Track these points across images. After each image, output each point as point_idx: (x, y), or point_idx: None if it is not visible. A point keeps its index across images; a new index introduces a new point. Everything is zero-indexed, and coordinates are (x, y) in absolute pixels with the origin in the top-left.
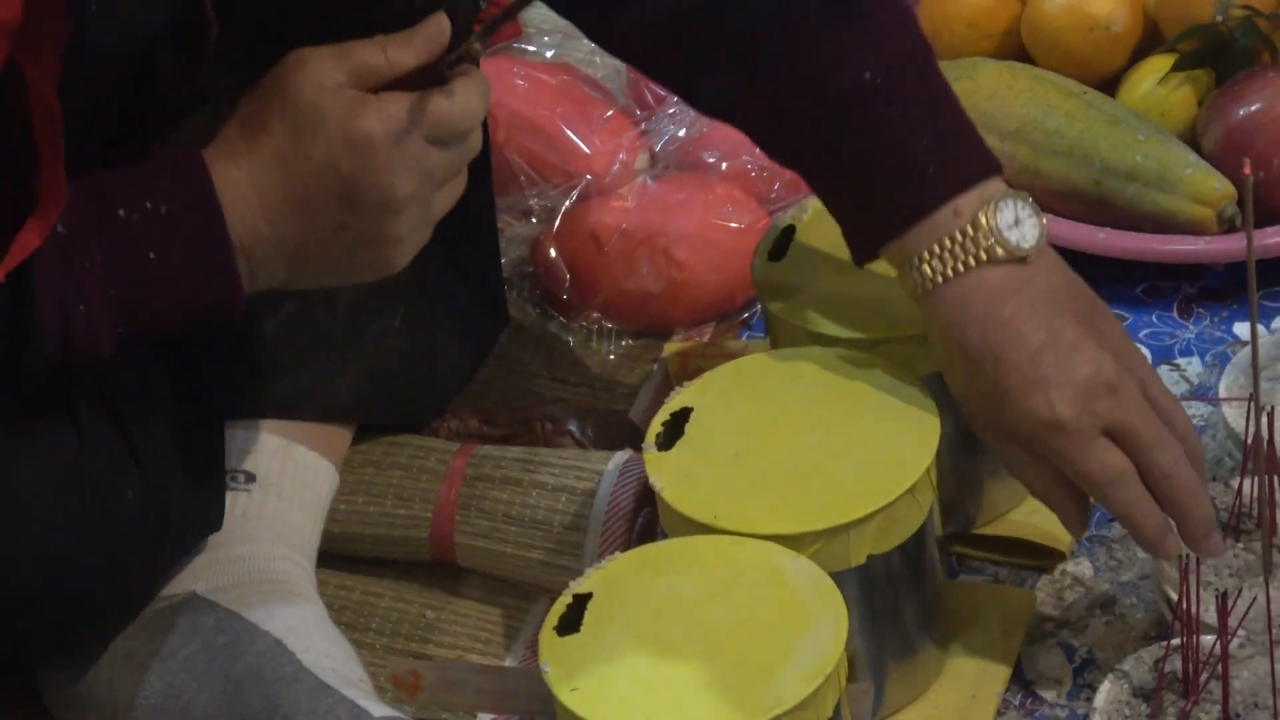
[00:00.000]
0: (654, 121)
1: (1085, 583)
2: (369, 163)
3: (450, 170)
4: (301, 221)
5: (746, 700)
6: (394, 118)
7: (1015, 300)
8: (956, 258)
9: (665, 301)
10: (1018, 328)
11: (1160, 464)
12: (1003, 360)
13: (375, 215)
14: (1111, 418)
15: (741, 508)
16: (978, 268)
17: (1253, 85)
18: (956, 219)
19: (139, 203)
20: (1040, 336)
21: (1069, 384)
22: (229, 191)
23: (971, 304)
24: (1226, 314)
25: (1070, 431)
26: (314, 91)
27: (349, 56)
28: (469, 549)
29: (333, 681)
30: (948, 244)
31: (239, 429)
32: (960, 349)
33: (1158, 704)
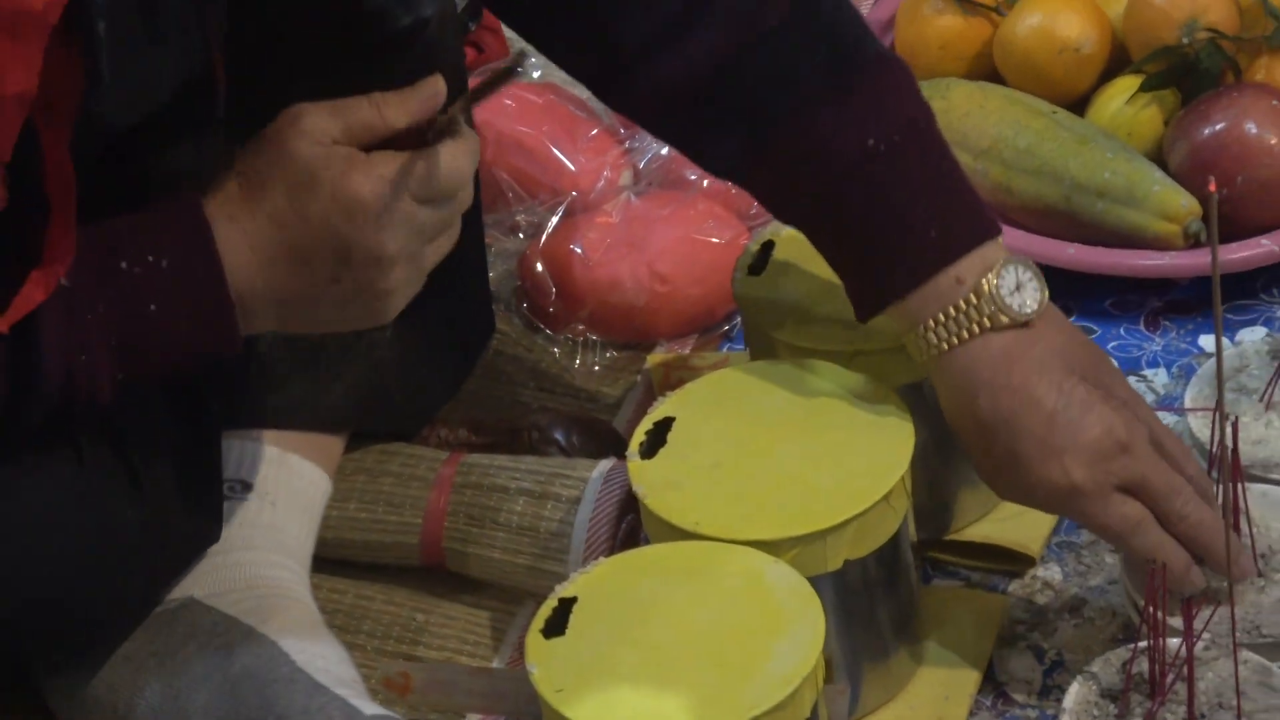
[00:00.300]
0: (637, 140)
1: (1055, 587)
2: (360, 222)
3: (440, 226)
4: (296, 276)
5: (726, 701)
6: (384, 179)
7: (1022, 366)
8: (961, 325)
9: (648, 314)
10: (1028, 394)
11: (1175, 509)
12: (1015, 427)
13: (367, 270)
14: (1125, 475)
15: (722, 514)
16: (982, 335)
17: (1217, 105)
18: (959, 286)
19: (141, 255)
20: (1051, 401)
21: (1083, 449)
22: (227, 246)
23: (979, 372)
24: (1192, 327)
25: (1087, 495)
26: (309, 149)
27: (344, 113)
28: (458, 554)
29: (326, 682)
30: (952, 312)
31: (235, 439)
32: (971, 416)
33: (1125, 705)
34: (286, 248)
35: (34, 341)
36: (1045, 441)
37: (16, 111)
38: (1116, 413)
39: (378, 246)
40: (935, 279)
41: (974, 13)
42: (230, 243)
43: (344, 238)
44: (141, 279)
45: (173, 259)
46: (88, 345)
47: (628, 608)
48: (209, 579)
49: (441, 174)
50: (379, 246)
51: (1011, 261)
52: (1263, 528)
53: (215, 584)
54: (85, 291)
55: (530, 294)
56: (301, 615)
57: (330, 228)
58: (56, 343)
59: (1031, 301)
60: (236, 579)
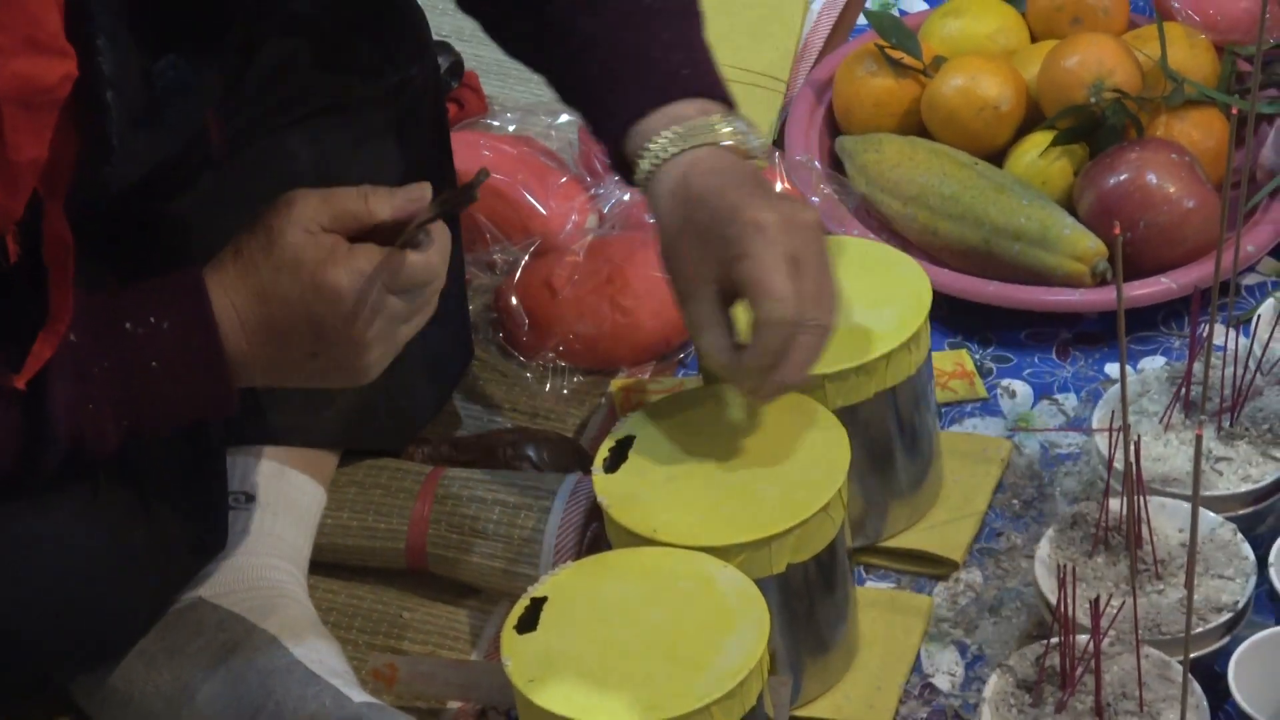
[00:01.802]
0: (602, 187)
1: (976, 589)
2: (336, 309)
3: (413, 312)
4: (277, 347)
5: (681, 690)
6: (360, 272)
7: (738, 170)
8: (687, 140)
9: (611, 343)
10: (746, 180)
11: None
12: (726, 193)
13: (342, 350)
14: (800, 248)
15: (677, 523)
16: (705, 148)
17: (1121, 158)
18: (696, 113)
19: (144, 318)
20: (765, 187)
21: (777, 209)
22: (221, 315)
23: (696, 166)
24: (1098, 356)
25: (768, 236)
26: (295, 235)
27: (333, 202)
28: (439, 558)
29: (320, 672)
30: (684, 127)
31: (239, 455)
32: (684, 195)
33: (1038, 694)
34: (268, 323)
35: (44, 395)
36: (751, 197)
37: (29, 176)
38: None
39: (352, 331)
40: (678, 103)
41: (904, 75)
42: (223, 312)
43: (320, 321)
44: (144, 339)
45: (173, 322)
46: (94, 398)
47: (593, 607)
48: (216, 581)
49: (415, 270)
50: (353, 331)
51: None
52: (1161, 536)
53: (221, 585)
54: (92, 350)
55: (505, 325)
56: (299, 613)
57: (308, 310)
58: (65, 397)
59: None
60: (240, 580)
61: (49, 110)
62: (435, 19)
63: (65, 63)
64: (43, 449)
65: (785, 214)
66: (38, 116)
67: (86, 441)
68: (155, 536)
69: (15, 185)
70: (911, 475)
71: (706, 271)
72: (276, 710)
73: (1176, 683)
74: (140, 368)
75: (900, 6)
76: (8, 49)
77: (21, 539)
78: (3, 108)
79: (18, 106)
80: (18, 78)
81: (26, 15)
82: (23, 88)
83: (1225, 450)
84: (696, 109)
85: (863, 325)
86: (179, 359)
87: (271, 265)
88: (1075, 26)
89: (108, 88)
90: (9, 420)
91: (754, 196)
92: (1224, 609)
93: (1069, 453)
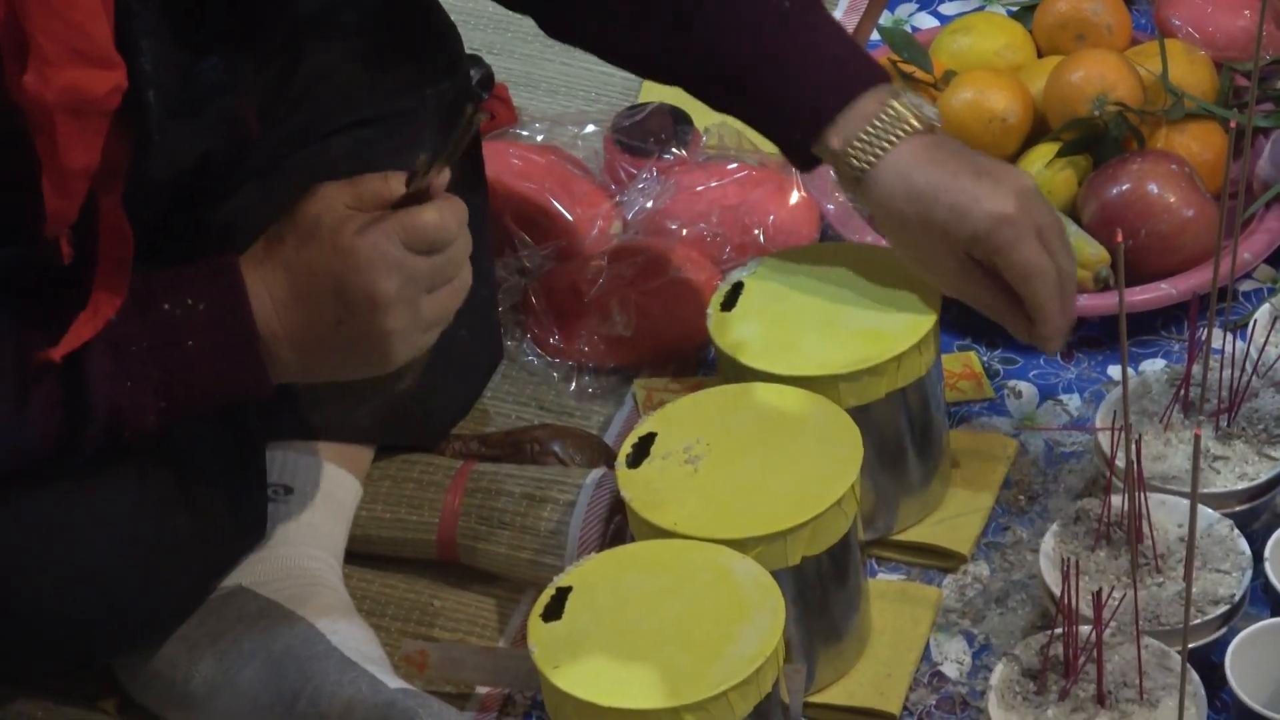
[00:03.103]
0: (626, 195)
1: (983, 581)
2: (354, 265)
3: (434, 277)
4: (304, 316)
5: (699, 677)
6: (375, 227)
7: (942, 149)
8: (885, 134)
9: (634, 344)
10: (957, 159)
11: (1067, 268)
12: (952, 184)
13: (365, 312)
14: (1040, 218)
15: (697, 517)
16: (901, 141)
17: (1123, 169)
18: (879, 105)
19: (181, 299)
20: (975, 162)
21: (1013, 189)
22: (252, 291)
23: (908, 163)
24: (1101, 358)
25: (1016, 223)
26: (319, 210)
27: (356, 185)
28: (469, 549)
29: (356, 659)
30: (877, 123)
31: (278, 449)
32: (907, 197)
33: (1043, 682)
34: (294, 291)
35: (83, 373)
36: (978, 184)
37: (81, 183)
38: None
39: (371, 286)
40: (861, 99)
41: (915, 88)
42: (254, 289)
43: (340, 279)
44: (181, 319)
45: (208, 302)
46: (132, 376)
47: (615, 596)
48: (255, 569)
49: (427, 224)
50: (373, 286)
51: (906, 91)
52: (1161, 531)
53: (260, 573)
54: (130, 329)
55: (532, 326)
56: (335, 601)
57: (328, 272)
58: (103, 374)
59: (932, 113)
60: (279, 569)
61: (99, 119)
62: (467, 33)
63: (115, 74)
64: (83, 426)
65: (1016, 191)
66: (88, 125)
67: (125, 420)
68: (198, 523)
69: (68, 191)
70: (921, 472)
71: (962, 257)
72: (314, 695)
73: (1175, 672)
74: (176, 347)
75: (912, 23)
76: (58, 61)
77: (69, 521)
78: (55, 117)
79: (69, 116)
80: (69, 89)
81: (76, 28)
82: (74, 98)
83: (1222, 449)
84: (876, 101)
85: (875, 328)
86: (213, 338)
87: (297, 238)
88: (1079, 43)
89: (149, 86)
90: (49, 396)
91: (980, 184)
92: (1221, 601)
93: (1072, 451)
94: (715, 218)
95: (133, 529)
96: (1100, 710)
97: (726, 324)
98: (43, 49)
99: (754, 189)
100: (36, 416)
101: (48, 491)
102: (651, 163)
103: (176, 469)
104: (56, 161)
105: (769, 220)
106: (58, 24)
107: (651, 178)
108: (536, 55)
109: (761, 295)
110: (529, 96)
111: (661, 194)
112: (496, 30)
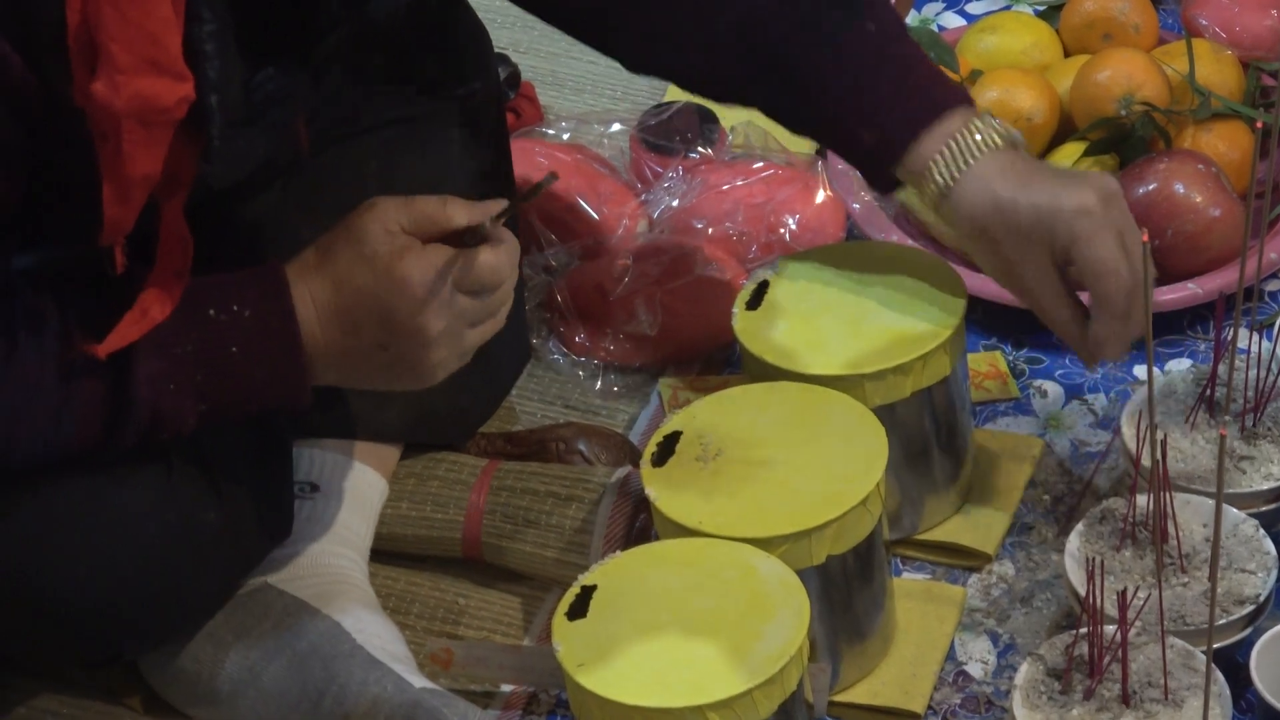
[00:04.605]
0: (652, 194)
1: (1008, 580)
2: (405, 299)
3: (480, 315)
4: (347, 335)
5: (724, 675)
6: (431, 266)
7: (1024, 162)
8: (967, 151)
9: (659, 343)
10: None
11: (1141, 278)
12: (1035, 187)
13: (410, 343)
14: (1121, 221)
15: (722, 515)
16: (983, 157)
17: (1150, 168)
18: (960, 123)
19: (227, 305)
20: (1059, 170)
21: (1093, 185)
22: (297, 303)
23: (990, 174)
24: (1127, 358)
25: (1094, 214)
26: (376, 231)
27: (413, 205)
28: (494, 547)
29: (382, 657)
30: (959, 139)
31: (306, 447)
32: (991, 206)
33: (1067, 682)
34: (341, 311)
35: (129, 372)
36: (1061, 184)
37: (142, 190)
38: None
39: (421, 322)
40: (945, 118)
41: None
42: (300, 300)
43: (389, 311)
44: (226, 325)
45: (254, 310)
46: (176, 378)
47: (640, 595)
48: (281, 567)
49: (483, 270)
50: (422, 323)
51: (988, 113)
52: (1186, 531)
53: (287, 571)
54: (175, 333)
55: (559, 325)
56: (360, 598)
57: (377, 299)
58: (148, 375)
59: (1016, 133)
60: (305, 567)
61: (165, 129)
62: (494, 31)
63: (183, 85)
64: (124, 423)
65: (1099, 190)
66: (154, 134)
67: (165, 421)
68: (225, 519)
69: (128, 199)
70: (946, 471)
71: (1044, 261)
72: (340, 694)
73: (1200, 672)
74: (221, 352)
75: (938, 23)
76: (130, 69)
77: (97, 516)
78: (122, 125)
79: (137, 124)
80: (139, 97)
81: (149, 37)
82: (143, 107)
83: (1248, 449)
84: (959, 120)
85: (901, 327)
86: (257, 345)
87: (349, 257)
88: (1106, 42)
89: (212, 92)
90: (94, 392)
91: (1063, 184)
92: (1246, 601)
93: (1098, 451)
94: (741, 216)
95: (160, 524)
96: (1125, 710)
97: (752, 323)
98: (114, 57)
99: (780, 188)
100: (79, 411)
101: (76, 486)
102: (678, 161)
103: (204, 465)
104: (120, 169)
105: (795, 219)
106: (132, 32)
107: (677, 176)
108: (563, 54)
109: (787, 294)
110: (555, 95)
111: (687, 193)
112: (523, 29)
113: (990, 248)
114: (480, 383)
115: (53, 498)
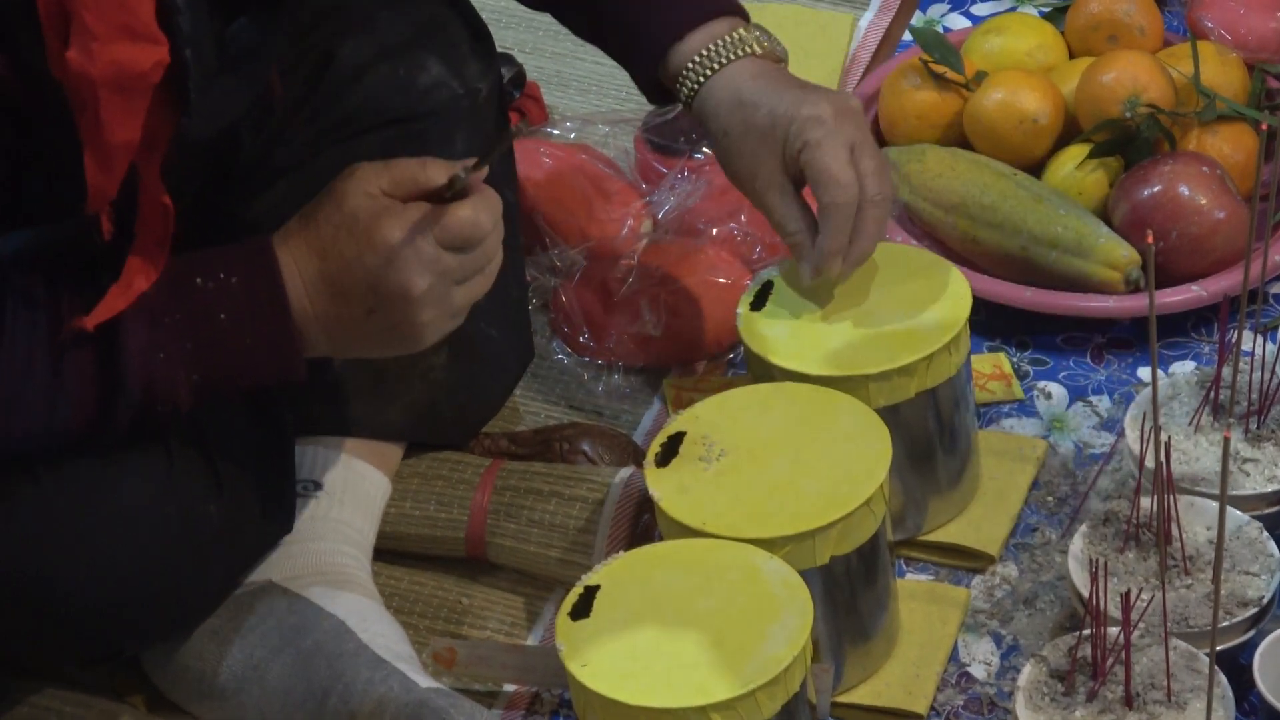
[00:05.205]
0: (656, 195)
1: (1011, 582)
2: (389, 260)
3: (467, 271)
4: (335, 302)
5: (727, 676)
6: (410, 224)
7: (778, 72)
8: (726, 52)
9: (664, 343)
10: (789, 80)
11: (873, 196)
12: (776, 94)
13: (398, 304)
14: (855, 135)
15: (725, 516)
16: (738, 61)
17: (1154, 170)
18: (729, 30)
19: (214, 274)
20: (805, 83)
21: (829, 101)
22: (285, 271)
23: (741, 75)
24: (1131, 360)
25: (828, 127)
26: (355, 196)
27: (392, 168)
28: (498, 547)
29: (387, 656)
30: (723, 41)
31: (309, 445)
32: (734, 101)
33: (1070, 683)
34: (327, 278)
35: (118, 344)
36: (801, 93)
37: (123, 157)
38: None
39: (405, 282)
40: (708, 24)
41: (947, 89)
42: (286, 268)
43: (373, 273)
44: (214, 293)
45: (241, 277)
46: (165, 348)
47: (643, 595)
48: (285, 565)
49: (463, 223)
50: (406, 282)
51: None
52: (1190, 533)
53: (290, 569)
54: (163, 302)
55: (563, 325)
56: (364, 597)
57: (362, 264)
58: (138, 345)
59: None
60: (309, 565)
61: (142, 95)
62: (498, 31)
63: (158, 49)
64: (117, 398)
65: (837, 105)
66: (131, 100)
67: (158, 393)
68: (226, 514)
69: (110, 166)
70: (950, 472)
71: (775, 164)
72: (345, 693)
73: (1203, 674)
74: (209, 320)
75: (944, 23)
76: (104, 36)
77: (98, 510)
78: (99, 92)
79: (113, 91)
80: (114, 64)
81: (121, 3)
82: (118, 73)
83: (1252, 452)
84: (725, 25)
85: (905, 328)
86: (245, 311)
87: (331, 224)
88: (1111, 44)
89: (186, 45)
90: (85, 368)
91: (805, 93)
92: (1249, 604)
93: (1102, 452)
94: (745, 217)
95: (161, 519)
96: (1128, 712)
97: (756, 323)
98: (88, 25)
99: None
100: (73, 388)
101: (77, 481)
102: (682, 162)
103: (206, 460)
104: (99, 137)
105: None
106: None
107: (682, 177)
108: (568, 54)
109: (791, 295)
110: (560, 95)
111: (692, 193)
112: (528, 29)
113: (733, 148)
114: (484, 382)
115: (52, 493)
